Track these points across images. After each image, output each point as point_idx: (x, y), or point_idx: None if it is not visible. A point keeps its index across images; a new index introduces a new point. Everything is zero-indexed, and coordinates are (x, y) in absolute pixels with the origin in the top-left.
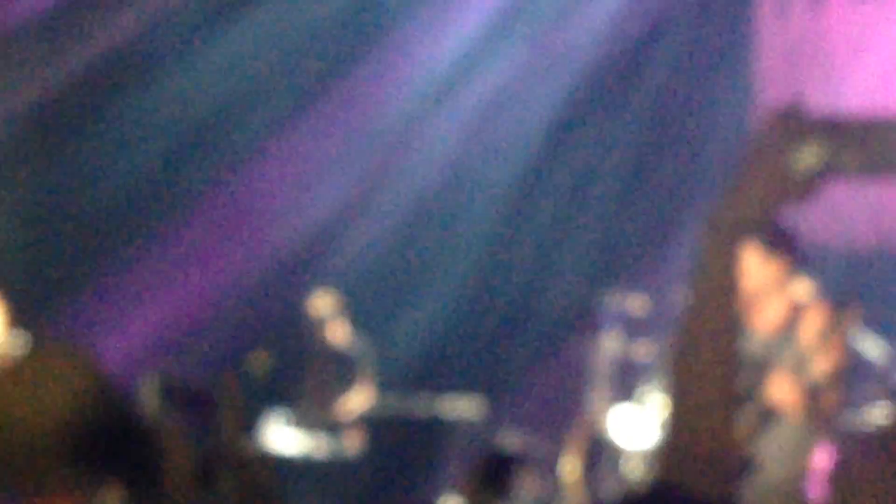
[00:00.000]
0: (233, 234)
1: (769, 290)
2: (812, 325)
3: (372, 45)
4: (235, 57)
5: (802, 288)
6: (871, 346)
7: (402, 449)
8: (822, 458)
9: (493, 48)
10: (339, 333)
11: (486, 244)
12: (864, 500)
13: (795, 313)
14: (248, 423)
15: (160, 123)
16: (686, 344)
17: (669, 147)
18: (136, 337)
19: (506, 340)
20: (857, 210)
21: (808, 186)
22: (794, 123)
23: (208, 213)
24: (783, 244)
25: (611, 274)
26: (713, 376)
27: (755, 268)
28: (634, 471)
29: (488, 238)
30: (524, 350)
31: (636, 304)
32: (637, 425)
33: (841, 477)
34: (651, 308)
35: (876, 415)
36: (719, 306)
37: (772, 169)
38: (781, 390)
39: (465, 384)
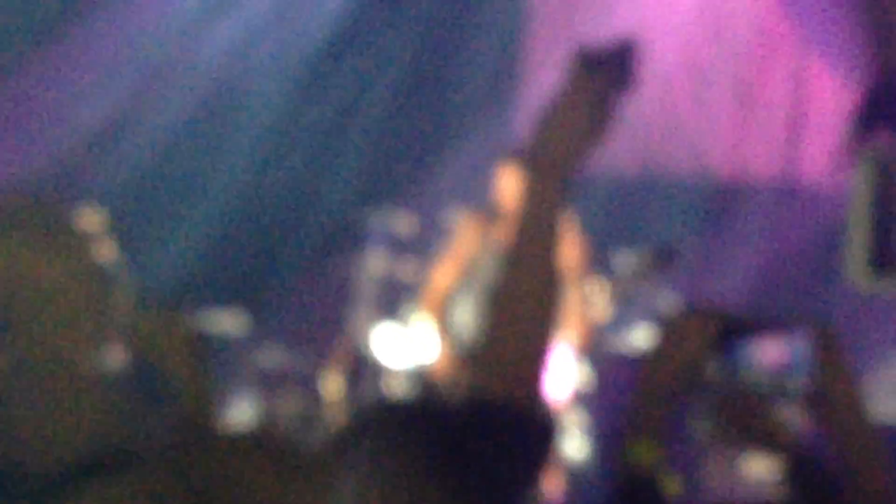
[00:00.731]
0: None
1: None
2: (566, 254)
3: None
4: None
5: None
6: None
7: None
8: (578, 379)
9: None
10: (101, 250)
11: (253, 158)
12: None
13: None
14: None
15: None
16: (505, 290)
17: (441, 64)
18: None
19: (270, 255)
20: (622, 136)
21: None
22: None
23: None
24: None
25: (377, 191)
26: (531, 317)
27: (512, 196)
28: (397, 389)
29: (255, 152)
30: (288, 265)
31: (402, 222)
32: (400, 344)
33: (600, 398)
34: (417, 226)
35: (639, 338)
36: (541, 248)
37: (584, 105)
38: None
39: (228, 299)
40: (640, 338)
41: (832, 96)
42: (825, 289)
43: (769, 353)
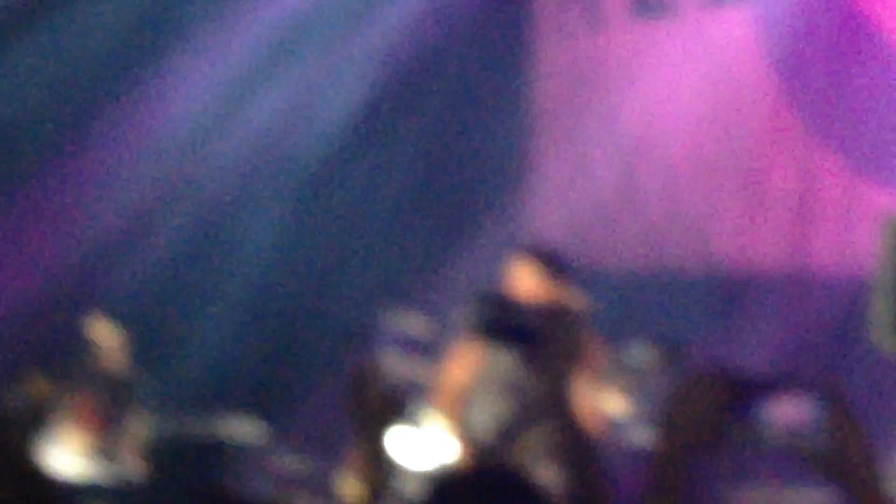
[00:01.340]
0: (10, 252)
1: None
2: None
3: (163, 52)
4: (21, 68)
5: (577, 304)
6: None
7: (184, 472)
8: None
9: (273, 68)
10: (116, 359)
11: (267, 264)
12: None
13: None
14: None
15: None
16: None
17: (450, 167)
18: None
19: (286, 360)
20: (631, 230)
21: None
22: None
23: None
24: (559, 268)
25: (390, 293)
26: None
27: (532, 289)
28: (413, 491)
29: (269, 257)
30: (305, 370)
31: (415, 323)
32: (416, 445)
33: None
34: (430, 328)
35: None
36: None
37: None
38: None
39: (245, 406)
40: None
41: (839, 185)
42: (838, 374)
43: (785, 413)
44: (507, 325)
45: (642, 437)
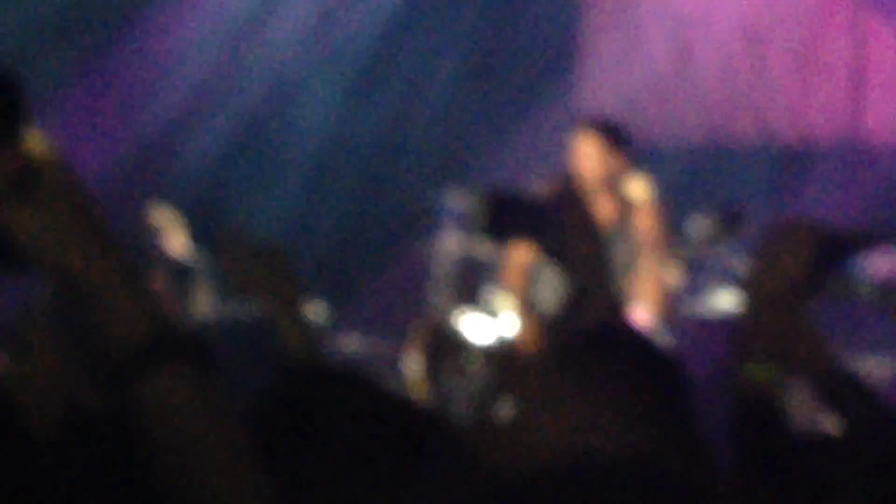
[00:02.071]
0: (71, 141)
1: (606, 186)
2: (644, 222)
3: None
4: None
5: (638, 185)
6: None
7: (247, 356)
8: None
9: None
10: (176, 243)
11: (325, 146)
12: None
13: (629, 209)
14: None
15: None
16: None
17: (504, 45)
18: None
19: (347, 242)
20: (687, 105)
21: None
22: None
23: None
24: (622, 140)
25: (451, 171)
26: None
27: (594, 163)
28: (478, 368)
29: (326, 139)
30: (366, 251)
31: (476, 200)
32: (482, 321)
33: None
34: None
35: (720, 302)
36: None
37: None
38: (639, 285)
39: (307, 288)
40: (715, 301)
41: (892, 53)
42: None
43: (880, 266)
44: (515, 220)
45: (702, 307)
